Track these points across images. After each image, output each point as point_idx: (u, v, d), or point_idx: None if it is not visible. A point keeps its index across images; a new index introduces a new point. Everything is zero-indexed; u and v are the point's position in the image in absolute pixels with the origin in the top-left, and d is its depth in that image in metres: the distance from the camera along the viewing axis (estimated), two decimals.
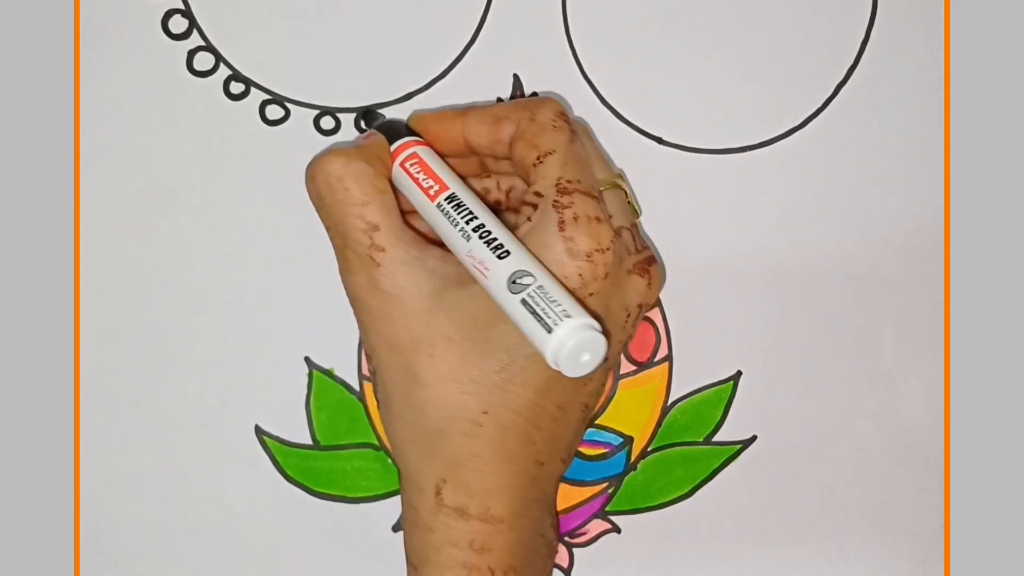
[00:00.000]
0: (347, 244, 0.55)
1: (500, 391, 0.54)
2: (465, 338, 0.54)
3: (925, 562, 0.65)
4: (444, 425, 0.54)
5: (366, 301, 0.55)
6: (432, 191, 0.56)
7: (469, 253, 0.54)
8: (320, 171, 0.55)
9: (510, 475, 0.55)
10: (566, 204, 0.54)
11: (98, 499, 0.62)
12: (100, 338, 0.61)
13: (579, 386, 0.56)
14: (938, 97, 0.64)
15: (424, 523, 0.56)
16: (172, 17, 0.61)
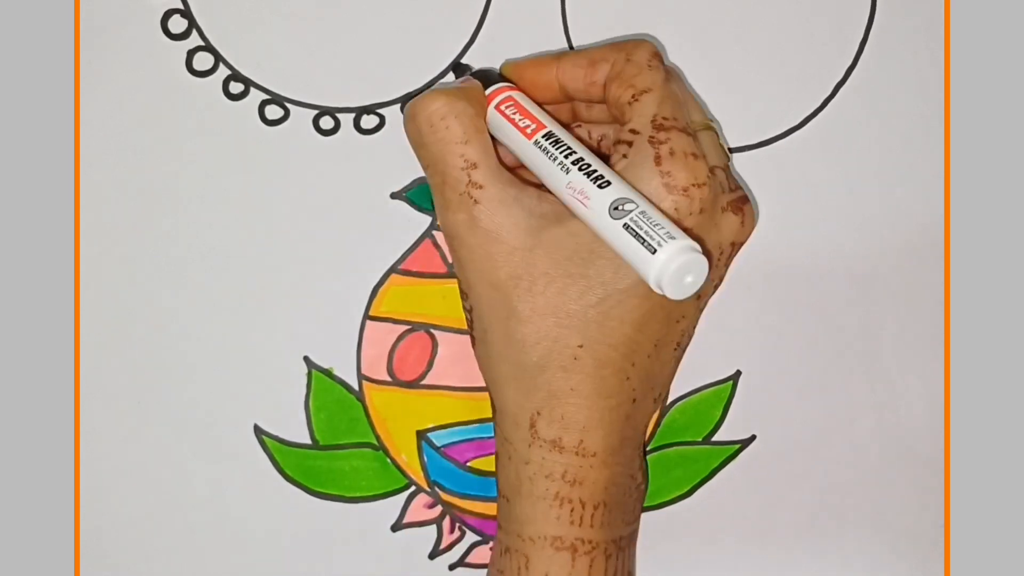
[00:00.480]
0: (446, 182, 0.56)
1: (597, 325, 0.55)
2: (563, 274, 0.55)
3: (925, 562, 0.65)
4: (542, 359, 0.56)
5: (465, 239, 0.56)
6: (529, 130, 0.57)
7: (568, 185, 0.54)
8: (422, 109, 0.56)
9: (605, 410, 0.56)
10: (662, 140, 0.55)
11: (98, 499, 0.62)
12: (100, 338, 0.61)
13: (672, 323, 0.57)
14: (938, 97, 0.64)
15: (519, 455, 0.57)
16: (171, 17, 0.61)
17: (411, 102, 0.57)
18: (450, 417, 0.63)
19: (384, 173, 0.62)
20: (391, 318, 0.62)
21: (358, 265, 0.62)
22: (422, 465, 0.63)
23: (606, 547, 0.57)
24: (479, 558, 0.64)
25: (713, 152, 0.57)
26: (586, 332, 0.55)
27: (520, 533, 0.57)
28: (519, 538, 0.57)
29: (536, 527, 0.57)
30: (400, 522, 0.63)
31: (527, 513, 0.57)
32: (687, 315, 0.58)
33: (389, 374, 0.62)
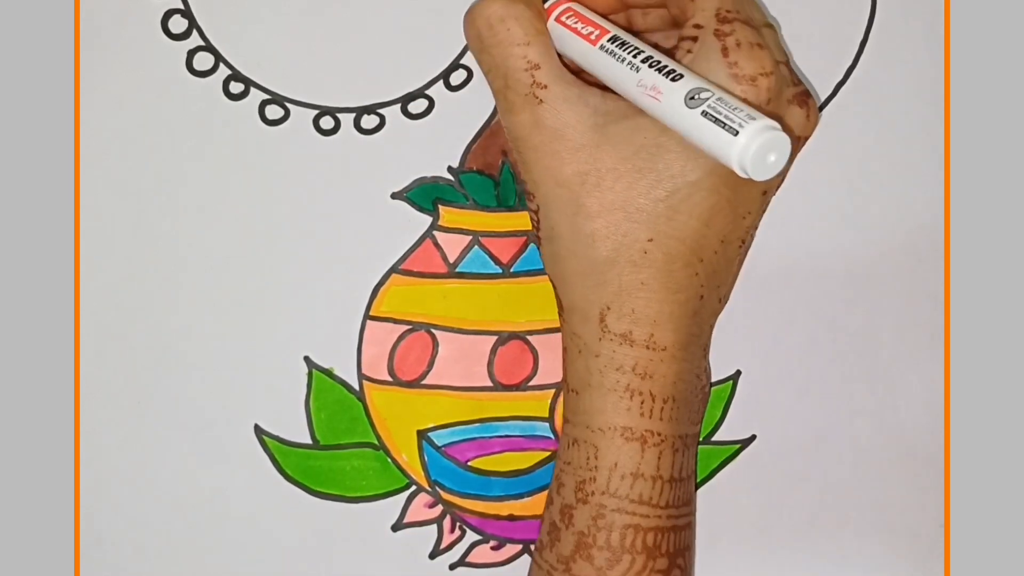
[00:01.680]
0: (509, 84, 0.57)
1: (666, 219, 0.55)
2: (631, 168, 0.55)
3: (925, 562, 0.65)
4: (612, 254, 0.56)
5: (530, 139, 0.57)
6: (593, 36, 0.57)
7: (639, 83, 0.54)
8: (480, 13, 0.57)
9: (675, 304, 0.56)
10: (727, 32, 0.55)
11: (98, 499, 0.62)
12: (100, 338, 0.61)
13: (739, 218, 0.57)
14: (938, 97, 0.64)
15: (588, 349, 0.57)
16: (172, 17, 0.61)
17: (469, 9, 0.57)
18: (451, 417, 0.63)
19: (384, 173, 0.62)
20: (391, 318, 0.62)
21: (358, 265, 0.62)
22: (423, 465, 0.63)
23: (673, 441, 0.57)
24: (480, 558, 0.64)
25: (775, 47, 0.57)
26: (655, 226, 0.55)
27: (589, 424, 0.57)
28: (588, 429, 0.57)
29: (606, 418, 0.57)
30: (400, 522, 0.63)
31: (597, 405, 0.57)
32: (752, 211, 0.58)
33: (390, 374, 0.62)
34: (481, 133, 0.62)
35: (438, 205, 0.62)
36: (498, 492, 0.63)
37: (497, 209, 0.63)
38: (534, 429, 0.63)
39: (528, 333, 0.63)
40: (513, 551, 0.64)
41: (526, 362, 0.63)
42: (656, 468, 0.56)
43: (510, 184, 0.62)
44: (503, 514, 0.63)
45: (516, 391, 0.63)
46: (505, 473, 0.63)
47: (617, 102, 0.56)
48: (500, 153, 0.62)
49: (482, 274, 0.63)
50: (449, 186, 0.62)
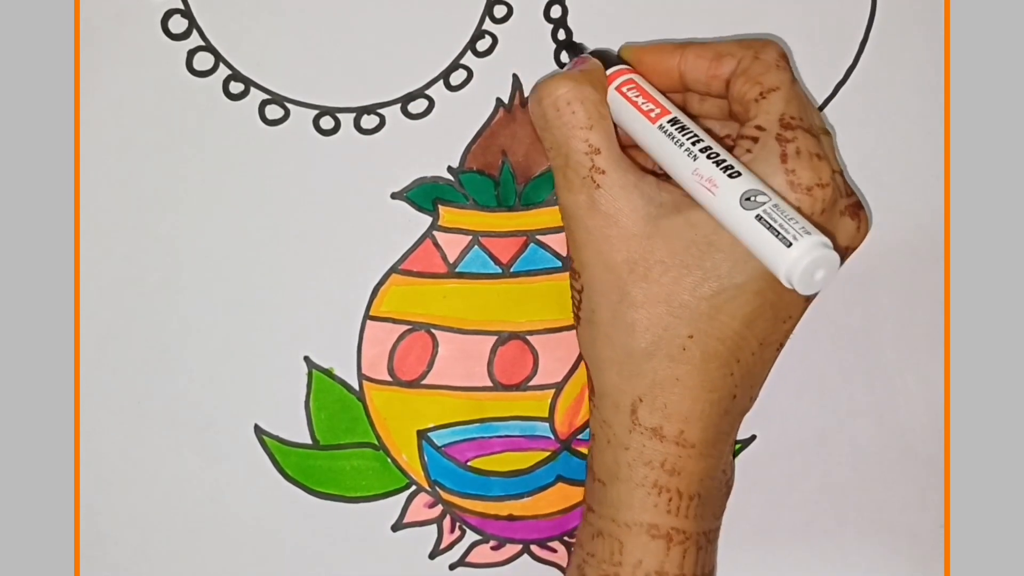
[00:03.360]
0: (569, 164, 0.57)
1: (708, 318, 0.56)
2: (679, 263, 0.56)
3: (925, 562, 0.65)
4: (650, 346, 0.56)
5: (584, 220, 0.57)
6: (653, 114, 0.57)
7: (695, 172, 0.55)
8: (548, 93, 0.57)
9: (707, 402, 0.57)
10: (789, 138, 0.55)
11: (98, 499, 0.62)
12: (100, 338, 0.61)
13: (779, 322, 0.57)
14: (938, 97, 0.64)
15: (618, 440, 0.58)
16: (172, 17, 0.61)
17: (538, 84, 0.58)
18: (451, 417, 0.63)
19: (384, 173, 0.62)
20: (391, 318, 0.62)
21: (358, 265, 0.62)
22: (423, 465, 0.63)
23: (698, 539, 0.58)
24: (479, 558, 0.64)
25: (832, 156, 0.57)
26: (696, 324, 0.56)
27: (615, 518, 0.58)
28: (613, 523, 0.58)
29: (633, 513, 0.57)
30: (400, 522, 0.63)
31: (624, 499, 0.57)
32: (793, 315, 0.58)
33: (390, 374, 0.62)
34: (481, 133, 0.62)
35: (438, 205, 0.62)
36: (498, 492, 0.63)
37: (497, 209, 0.63)
38: (534, 429, 0.63)
39: (528, 333, 0.63)
40: (513, 551, 0.64)
41: (526, 362, 0.63)
42: (680, 566, 0.57)
43: (510, 184, 0.62)
44: (503, 514, 0.63)
45: (516, 391, 0.63)
46: (505, 473, 0.63)
47: (672, 193, 0.57)
48: (500, 153, 0.62)
49: (482, 274, 0.63)
50: (449, 186, 0.62)
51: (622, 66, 0.59)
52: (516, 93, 0.62)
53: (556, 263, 0.63)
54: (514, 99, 0.62)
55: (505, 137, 0.62)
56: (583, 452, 0.63)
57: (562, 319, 0.63)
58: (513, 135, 0.62)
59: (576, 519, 0.64)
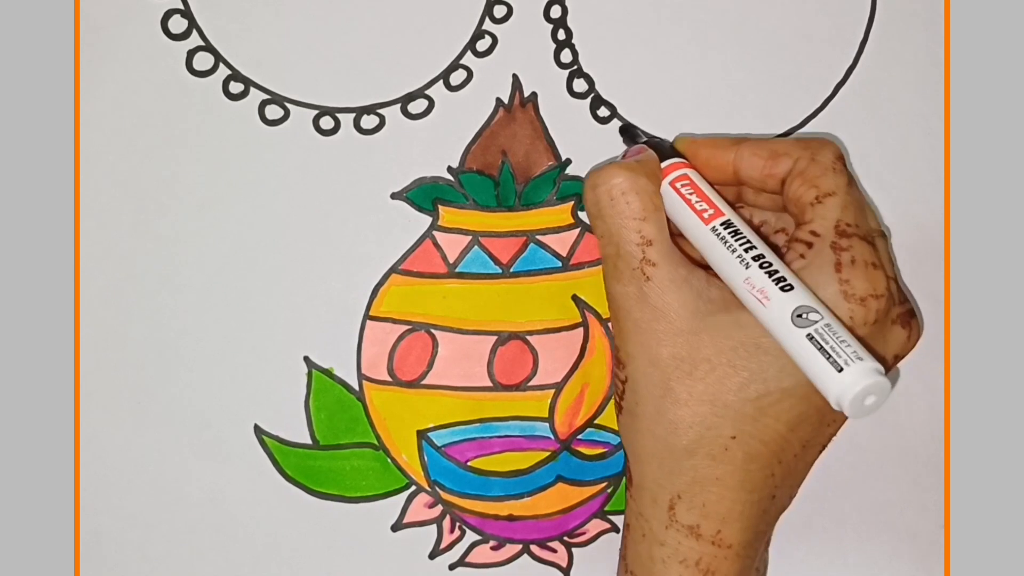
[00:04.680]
0: (620, 255, 0.57)
1: (752, 420, 0.55)
2: (725, 363, 0.55)
3: (925, 562, 0.65)
4: (692, 444, 0.56)
5: (632, 312, 0.57)
6: (706, 214, 0.57)
7: (746, 280, 0.54)
8: (603, 181, 0.57)
9: (747, 504, 0.56)
10: (844, 247, 0.55)
11: (98, 499, 0.62)
12: (100, 338, 0.61)
13: (823, 426, 0.57)
14: (938, 97, 0.64)
15: (654, 535, 0.57)
16: (172, 17, 0.61)
17: (592, 172, 0.57)
18: (450, 417, 0.63)
19: (384, 173, 0.62)
20: (391, 318, 0.62)
21: (358, 265, 0.62)
22: (422, 465, 0.63)
23: None
24: (479, 558, 0.64)
25: (887, 262, 0.57)
26: (740, 425, 0.55)
27: None
28: None
29: None
30: (400, 522, 0.63)
31: None
32: (838, 420, 0.58)
33: (389, 374, 0.62)
34: (481, 133, 0.62)
35: (438, 205, 0.62)
36: (498, 492, 0.63)
37: (497, 209, 0.63)
38: (534, 429, 0.63)
39: (528, 333, 0.63)
40: (513, 551, 0.64)
41: (526, 362, 0.63)
42: None
43: (510, 184, 0.62)
44: (503, 514, 0.63)
45: (516, 391, 0.63)
46: (505, 473, 0.63)
47: (721, 289, 0.56)
48: (500, 153, 0.62)
49: (482, 274, 0.63)
50: (449, 186, 0.62)
51: (676, 159, 0.59)
52: (516, 93, 0.62)
53: (556, 263, 0.63)
54: (514, 99, 0.62)
55: (505, 137, 0.62)
56: (583, 452, 0.63)
57: (562, 319, 0.63)
58: (513, 135, 0.62)
59: (575, 519, 0.64)
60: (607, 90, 0.63)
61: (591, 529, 0.64)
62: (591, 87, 0.63)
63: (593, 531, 0.64)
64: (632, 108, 0.63)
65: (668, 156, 0.59)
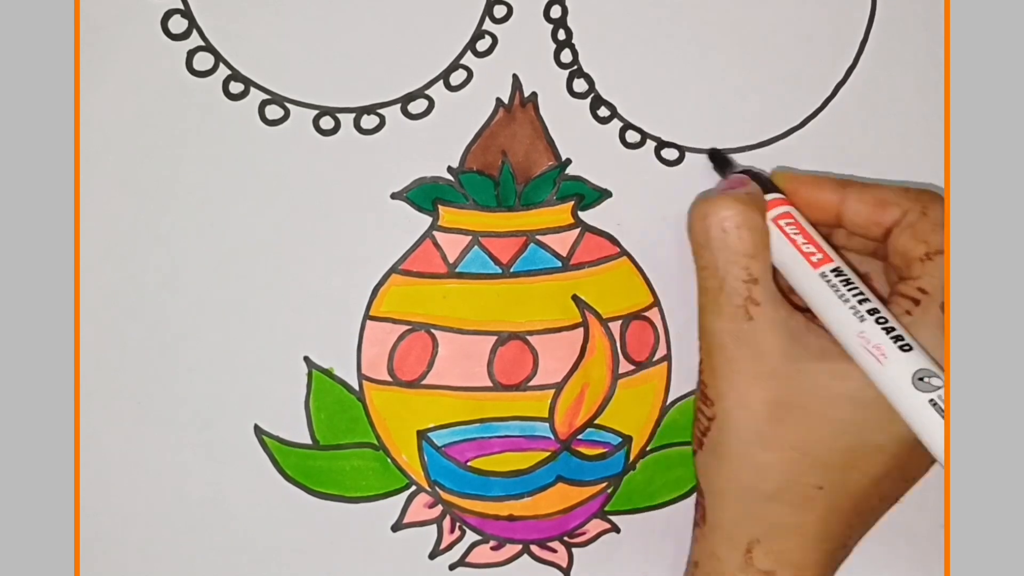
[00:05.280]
0: (724, 290, 0.56)
1: (840, 473, 0.55)
2: (820, 413, 0.54)
3: (925, 562, 0.65)
4: (776, 490, 0.55)
5: (727, 349, 0.56)
6: (814, 258, 0.56)
7: (861, 335, 0.53)
8: (715, 212, 0.56)
9: (823, 553, 0.56)
10: None
11: (98, 499, 0.62)
12: (100, 338, 0.61)
13: (904, 483, 0.57)
14: (938, 97, 0.64)
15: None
16: (172, 17, 0.61)
17: (703, 201, 0.56)
18: (451, 417, 0.63)
19: (384, 173, 0.62)
20: (391, 318, 0.62)
21: (358, 265, 0.62)
22: (422, 465, 0.63)
23: None
24: (479, 558, 0.64)
25: None
26: (827, 475, 0.55)
27: None
28: None
29: None
30: (400, 522, 0.63)
31: None
32: (918, 476, 0.58)
33: (389, 374, 0.62)
34: (481, 133, 0.62)
35: (438, 205, 0.62)
36: (498, 492, 0.63)
37: (497, 209, 0.63)
38: (534, 429, 0.63)
39: (528, 333, 0.63)
40: (513, 551, 0.64)
41: (526, 362, 0.63)
42: None
43: (510, 184, 0.62)
44: (503, 514, 0.63)
45: (516, 391, 0.63)
46: (505, 473, 0.63)
47: (820, 337, 0.55)
48: (500, 153, 0.62)
49: (482, 274, 0.63)
50: (449, 186, 0.62)
51: (778, 195, 0.58)
52: (516, 93, 0.62)
53: (556, 263, 0.63)
54: (514, 99, 0.62)
55: (505, 137, 0.62)
56: (583, 452, 0.63)
57: (562, 319, 0.63)
58: (513, 135, 0.62)
59: (575, 519, 0.64)
60: (607, 90, 0.63)
61: (591, 529, 0.64)
62: (591, 87, 0.63)
63: (593, 531, 0.64)
64: (632, 108, 0.63)
65: (769, 190, 0.58)
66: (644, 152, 0.63)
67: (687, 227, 0.58)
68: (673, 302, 0.63)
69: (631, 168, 0.63)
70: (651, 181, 0.63)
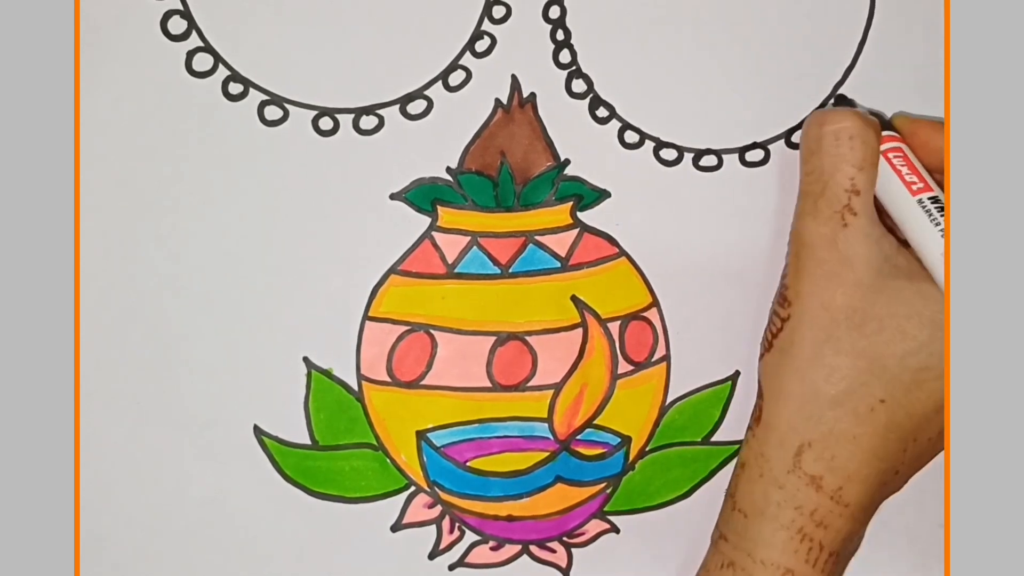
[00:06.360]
0: (825, 194, 0.57)
1: (905, 391, 0.56)
2: (897, 328, 0.56)
3: (925, 562, 0.65)
4: (840, 396, 0.56)
5: (818, 251, 0.57)
6: (915, 187, 0.57)
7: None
8: (833, 121, 0.58)
9: (874, 469, 0.57)
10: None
11: (98, 499, 0.62)
12: (100, 338, 0.61)
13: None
14: (938, 97, 0.64)
15: (773, 476, 0.57)
16: (171, 18, 0.61)
17: (820, 111, 0.59)
18: (450, 417, 0.63)
19: (384, 173, 0.62)
20: (390, 318, 0.62)
21: (358, 265, 0.62)
22: (422, 465, 0.63)
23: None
24: (479, 558, 0.64)
25: None
26: (893, 390, 0.56)
27: (752, 553, 0.57)
28: (749, 557, 0.57)
29: (772, 553, 0.57)
30: (400, 522, 0.63)
31: (767, 537, 0.57)
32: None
33: (389, 374, 0.62)
34: (480, 134, 0.62)
35: (437, 206, 0.62)
36: (497, 492, 0.63)
37: (495, 210, 0.63)
38: (533, 430, 0.63)
39: (527, 333, 0.63)
40: (512, 551, 0.64)
41: (525, 363, 0.63)
42: None
43: (508, 185, 0.62)
44: (502, 514, 0.63)
45: (515, 391, 0.63)
46: (504, 473, 0.63)
47: (909, 260, 0.57)
48: (498, 154, 0.62)
49: (481, 275, 0.63)
50: (448, 187, 0.62)
51: (894, 132, 0.59)
52: (515, 93, 0.62)
53: (555, 263, 0.63)
54: (513, 99, 0.62)
55: (503, 138, 0.62)
56: (582, 452, 0.63)
57: (561, 319, 0.63)
58: (512, 136, 0.62)
59: (575, 519, 0.64)
60: (606, 90, 0.63)
61: (590, 529, 0.64)
62: (590, 87, 0.63)
63: (592, 531, 0.64)
64: (631, 108, 0.63)
65: (886, 127, 0.59)
66: (643, 152, 0.63)
67: (801, 135, 0.59)
68: (672, 302, 0.63)
69: (630, 168, 0.63)
70: (650, 181, 0.63)
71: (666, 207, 0.63)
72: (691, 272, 0.63)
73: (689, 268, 0.63)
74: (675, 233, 0.63)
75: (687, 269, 0.63)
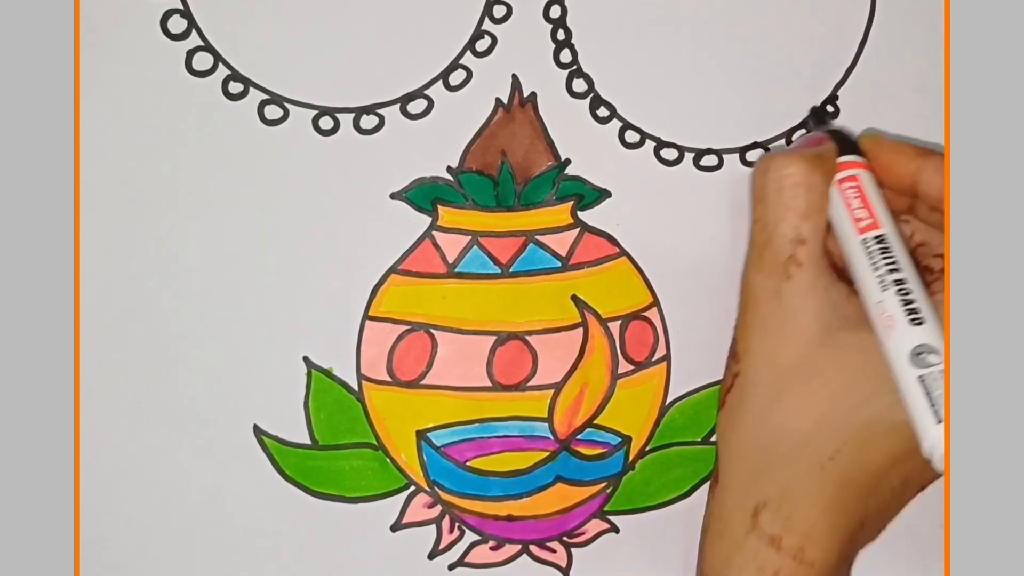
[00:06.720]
0: (770, 245, 0.56)
1: (857, 445, 0.54)
2: (844, 382, 0.54)
3: (925, 562, 0.65)
4: (791, 455, 0.55)
5: (763, 306, 0.56)
6: (861, 224, 0.56)
7: (879, 303, 0.53)
8: (776, 169, 0.56)
9: (834, 527, 0.55)
10: None
11: (98, 499, 0.62)
12: (100, 338, 0.61)
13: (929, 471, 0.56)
14: (938, 97, 0.64)
15: (732, 537, 0.56)
16: (171, 17, 0.61)
17: (767, 157, 0.57)
18: (450, 417, 0.63)
19: (384, 173, 0.62)
20: (391, 318, 0.62)
21: (358, 265, 0.62)
22: (422, 465, 0.63)
23: None
24: (478, 558, 0.64)
25: None
26: (843, 446, 0.54)
27: None
28: None
29: None
30: (400, 522, 0.63)
31: None
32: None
33: (389, 374, 0.62)
34: (480, 133, 0.62)
35: (437, 205, 0.62)
36: (497, 492, 0.63)
37: (496, 209, 0.63)
38: (533, 429, 0.63)
39: (527, 333, 0.63)
40: (512, 551, 0.64)
41: (525, 362, 0.63)
42: None
43: (509, 184, 0.62)
44: (502, 514, 0.64)
45: (515, 391, 0.63)
46: (504, 473, 0.63)
47: (858, 308, 0.55)
48: (499, 153, 0.62)
49: (481, 274, 0.63)
50: (448, 186, 0.62)
51: (854, 157, 0.58)
52: (515, 93, 0.62)
53: (555, 263, 0.63)
54: (513, 99, 0.62)
55: (504, 137, 0.62)
56: (582, 452, 0.63)
57: (561, 319, 0.63)
58: (512, 135, 0.62)
59: (574, 519, 0.64)
60: (606, 90, 0.63)
61: (590, 529, 0.64)
62: (591, 87, 0.63)
63: (592, 531, 0.64)
64: (631, 108, 0.63)
65: (848, 152, 0.58)
66: (643, 152, 0.63)
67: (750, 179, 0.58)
68: (672, 302, 0.63)
69: (630, 168, 0.63)
70: (650, 181, 0.63)
71: (667, 207, 0.63)
72: (691, 272, 0.63)
73: (689, 268, 0.63)
74: (676, 233, 0.63)
75: (687, 269, 0.63)
